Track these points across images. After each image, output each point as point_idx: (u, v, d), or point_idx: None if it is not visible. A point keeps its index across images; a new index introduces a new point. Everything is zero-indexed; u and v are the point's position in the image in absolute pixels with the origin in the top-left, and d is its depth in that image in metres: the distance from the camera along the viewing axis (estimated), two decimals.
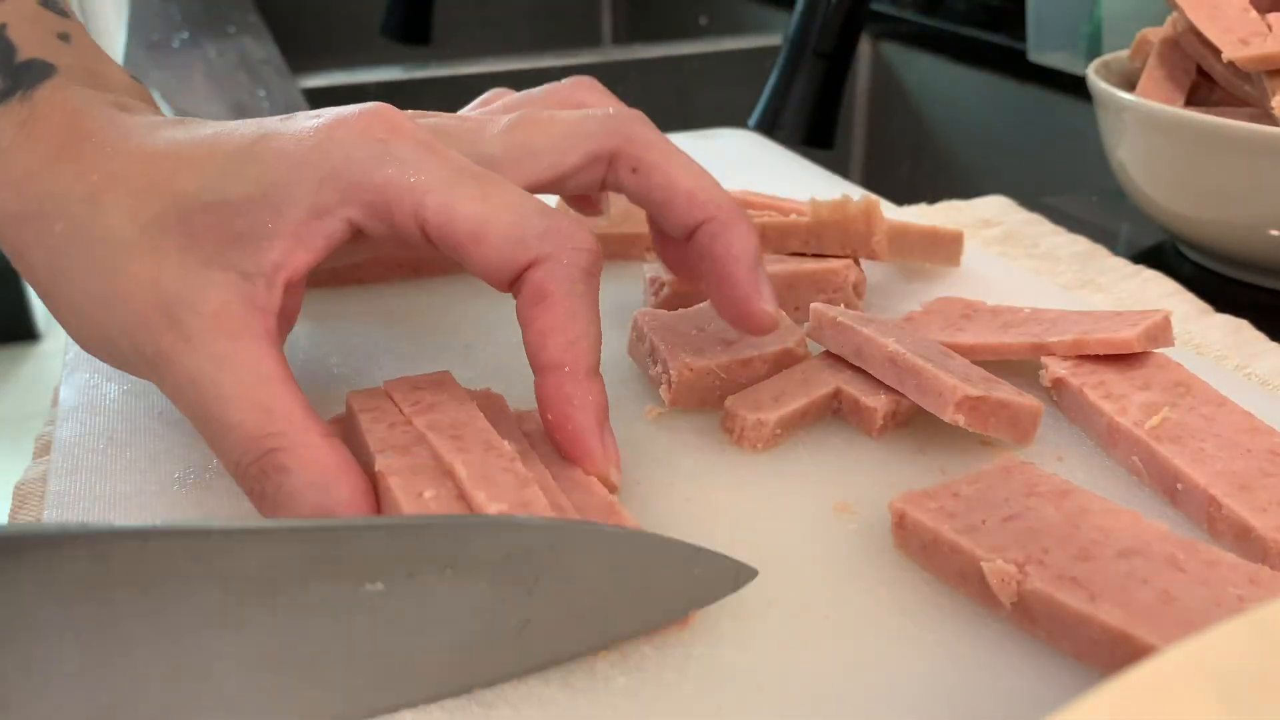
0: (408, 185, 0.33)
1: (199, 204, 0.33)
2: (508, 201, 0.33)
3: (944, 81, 1.02)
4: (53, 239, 0.34)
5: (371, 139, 0.33)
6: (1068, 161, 0.89)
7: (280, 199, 0.33)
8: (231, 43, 1.06)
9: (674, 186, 0.38)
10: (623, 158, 0.38)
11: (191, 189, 0.33)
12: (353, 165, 0.33)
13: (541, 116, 0.39)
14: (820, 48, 0.71)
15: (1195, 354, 0.48)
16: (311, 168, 0.33)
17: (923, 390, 0.38)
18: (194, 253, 0.33)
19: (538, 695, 0.29)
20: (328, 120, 0.34)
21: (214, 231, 0.33)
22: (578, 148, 0.38)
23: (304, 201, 0.33)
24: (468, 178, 0.34)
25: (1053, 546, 0.31)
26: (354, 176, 0.33)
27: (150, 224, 0.33)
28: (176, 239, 0.33)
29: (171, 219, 0.33)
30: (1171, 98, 0.58)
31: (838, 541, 0.35)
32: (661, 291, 0.48)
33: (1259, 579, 0.30)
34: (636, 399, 0.43)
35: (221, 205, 0.33)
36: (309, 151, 0.33)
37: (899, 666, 0.30)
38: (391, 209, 0.33)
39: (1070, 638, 0.30)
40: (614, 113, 0.39)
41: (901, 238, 0.50)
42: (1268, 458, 0.36)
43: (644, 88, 1.08)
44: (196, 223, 0.33)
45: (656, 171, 0.38)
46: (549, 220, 0.33)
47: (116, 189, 0.34)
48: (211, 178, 0.33)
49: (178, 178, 0.34)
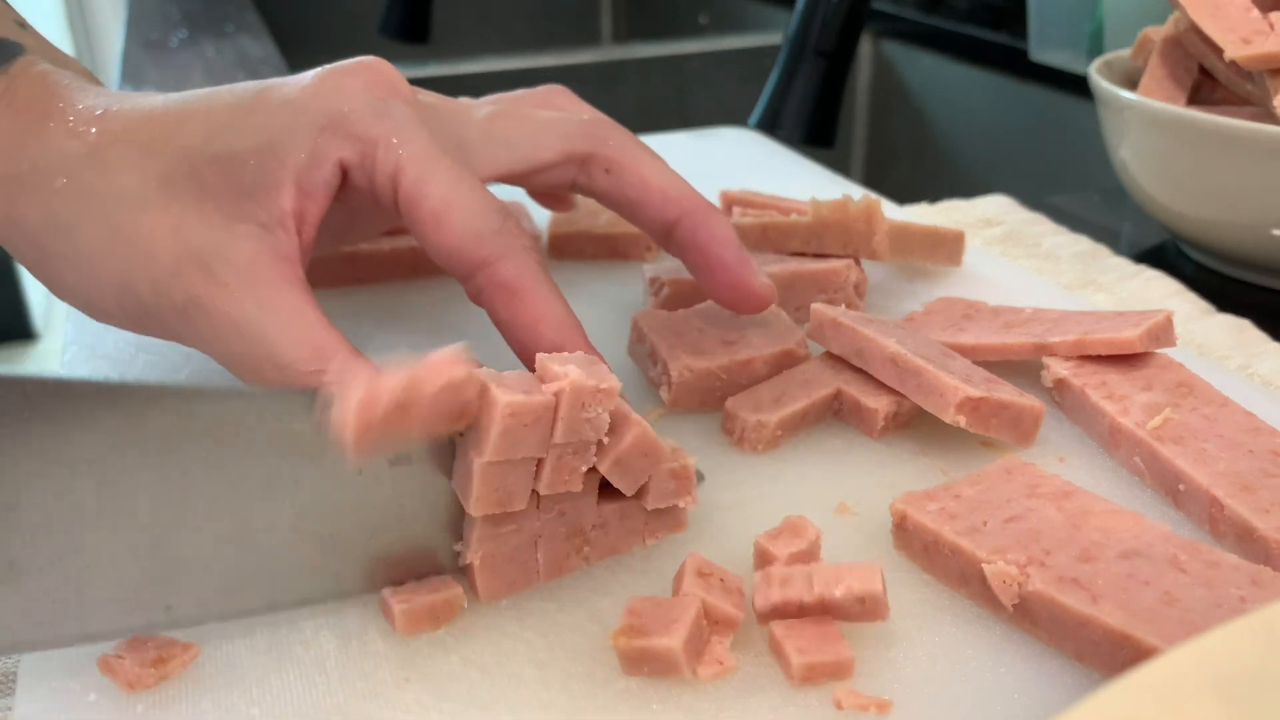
0: (394, 147, 0.35)
1: (206, 156, 0.34)
2: (473, 194, 0.35)
3: (945, 80, 1.02)
4: (53, 195, 0.35)
5: (373, 95, 0.35)
6: (1069, 161, 0.88)
7: (283, 148, 0.34)
8: (230, 42, 1.06)
9: (648, 185, 0.40)
10: (597, 160, 0.40)
11: (197, 142, 0.35)
12: (352, 115, 0.35)
13: (522, 112, 0.41)
14: (821, 46, 0.71)
15: (1197, 354, 0.48)
16: (313, 114, 0.35)
17: (924, 391, 0.38)
18: (211, 205, 0.34)
19: (538, 698, 0.29)
20: (331, 70, 0.36)
21: (225, 184, 0.34)
22: (553, 145, 0.40)
23: (305, 147, 0.34)
24: (446, 160, 0.35)
25: (1054, 548, 0.31)
26: (351, 125, 0.35)
27: (162, 180, 0.34)
28: (191, 193, 0.34)
29: (182, 174, 0.34)
30: (1173, 97, 0.58)
31: (838, 543, 0.35)
32: (661, 292, 0.48)
33: (1261, 580, 0.30)
34: (637, 400, 0.43)
35: (229, 157, 0.34)
36: (311, 98, 0.35)
37: (900, 668, 0.30)
38: (376, 164, 0.35)
39: (1072, 639, 0.30)
40: (589, 118, 0.41)
41: (902, 237, 0.50)
42: (1270, 458, 0.36)
43: (644, 87, 1.08)
44: (207, 176, 0.34)
45: (630, 172, 0.40)
46: (504, 219, 0.35)
47: (120, 144, 0.35)
48: (217, 130, 0.35)
49: (183, 131, 0.35)
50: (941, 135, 1.03)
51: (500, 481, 0.30)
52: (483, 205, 0.35)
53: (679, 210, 0.40)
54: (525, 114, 0.41)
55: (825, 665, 0.29)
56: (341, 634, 0.31)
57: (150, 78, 0.93)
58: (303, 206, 0.35)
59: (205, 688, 0.29)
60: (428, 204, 0.35)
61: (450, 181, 0.35)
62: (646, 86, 1.08)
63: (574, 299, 0.51)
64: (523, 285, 0.35)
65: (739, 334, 0.43)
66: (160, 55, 1.02)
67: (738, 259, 0.39)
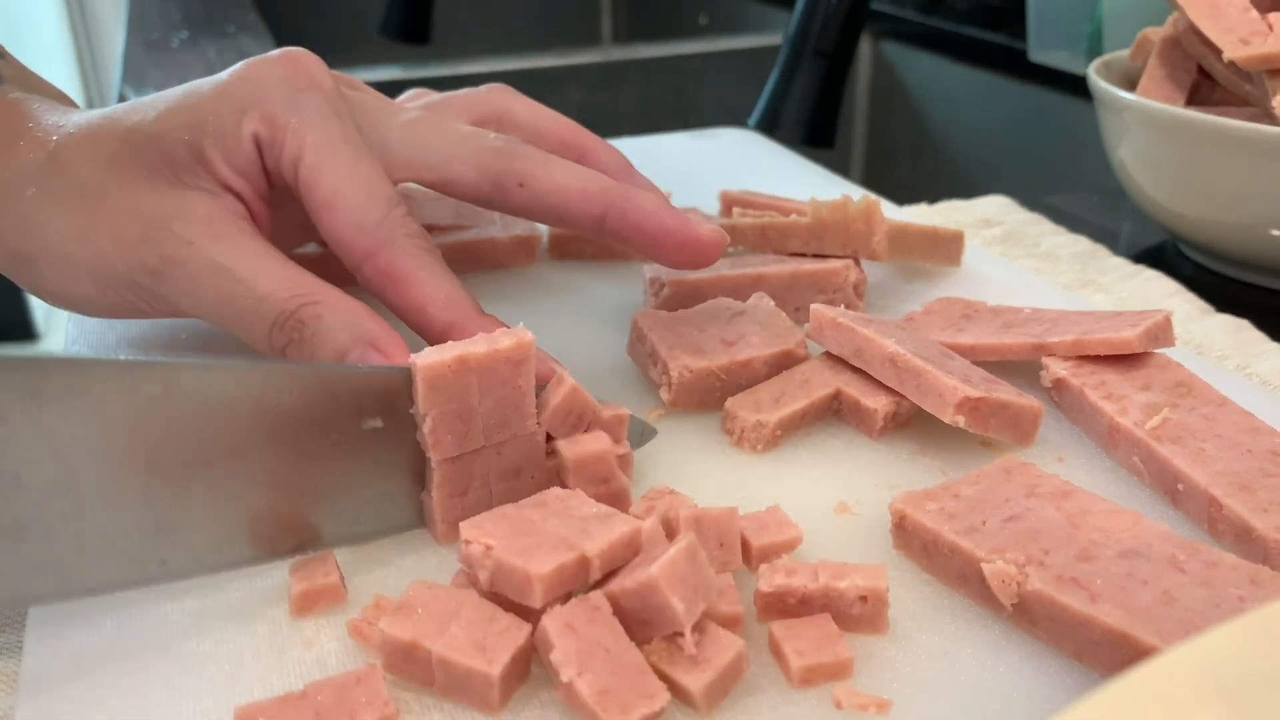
0: (299, 136, 0.37)
1: (143, 137, 0.38)
2: (364, 184, 0.37)
3: (944, 81, 1.02)
4: (24, 204, 0.38)
5: (290, 85, 0.38)
6: (1068, 161, 0.88)
7: (207, 125, 0.37)
8: (231, 42, 1.06)
9: (564, 189, 0.41)
10: (508, 176, 0.41)
11: (134, 124, 0.38)
12: (266, 101, 0.38)
13: (444, 122, 0.42)
14: (820, 47, 0.71)
15: (1196, 354, 0.48)
16: (235, 97, 0.38)
17: (923, 391, 0.38)
18: (159, 179, 0.37)
19: (538, 698, 0.29)
20: (256, 60, 0.39)
21: (165, 159, 0.37)
22: (466, 160, 0.41)
23: (226, 126, 0.37)
24: (347, 151, 0.38)
25: (1053, 547, 0.31)
26: (264, 109, 0.38)
27: (109, 164, 0.38)
28: (138, 172, 0.37)
29: (125, 157, 0.37)
30: (1172, 97, 0.58)
31: (838, 542, 0.35)
32: (661, 292, 0.48)
33: (1260, 579, 0.30)
34: (637, 400, 0.43)
35: (163, 136, 0.37)
36: (235, 84, 0.38)
37: (899, 668, 0.30)
38: (282, 150, 0.37)
39: (1071, 639, 0.30)
40: (505, 139, 0.42)
41: (902, 238, 0.50)
42: (1269, 458, 0.36)
43: (644, 87, 1.08)
44: (148, 155, 0.37)
45: (543, 181, 0.41)
46: (389, 210, 0.37)
47: (74, 144, 0.38)
48: (152, 116, 0.38)
49: (125, 121, 0.38)
50: (941, 136, 1.03)
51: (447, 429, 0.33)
52: (369, 197, 0.37)
53: (603, 203, 0.40)
54: (446, 125, 0.42)
55: (825, 666, 0.29)
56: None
57: (151, 78, 0.93)
58: (236, 183, 0.38)
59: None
60: (320, 193, 0.37)
61: (342, 173, 0.37)
62: (646, 87, 1.08)
63: (574, 299, 0.51)
64: (404, 271, 0.37)
65: (739, 334, 0.43)
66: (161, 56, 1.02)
67: (675, 220, 0.40)
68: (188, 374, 0.30)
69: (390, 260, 0.37)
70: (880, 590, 0.30)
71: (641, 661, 0.28)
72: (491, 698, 0.28)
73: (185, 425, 0.30)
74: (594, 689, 0.27)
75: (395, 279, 0.37)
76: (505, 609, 0.29)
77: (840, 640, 0.30)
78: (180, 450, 0.31)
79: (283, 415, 0.32)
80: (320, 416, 0.33)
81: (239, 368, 0.31)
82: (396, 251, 0.37)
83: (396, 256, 0.37)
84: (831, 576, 0.31)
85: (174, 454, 0.30)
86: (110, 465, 0.30)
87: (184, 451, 0.31)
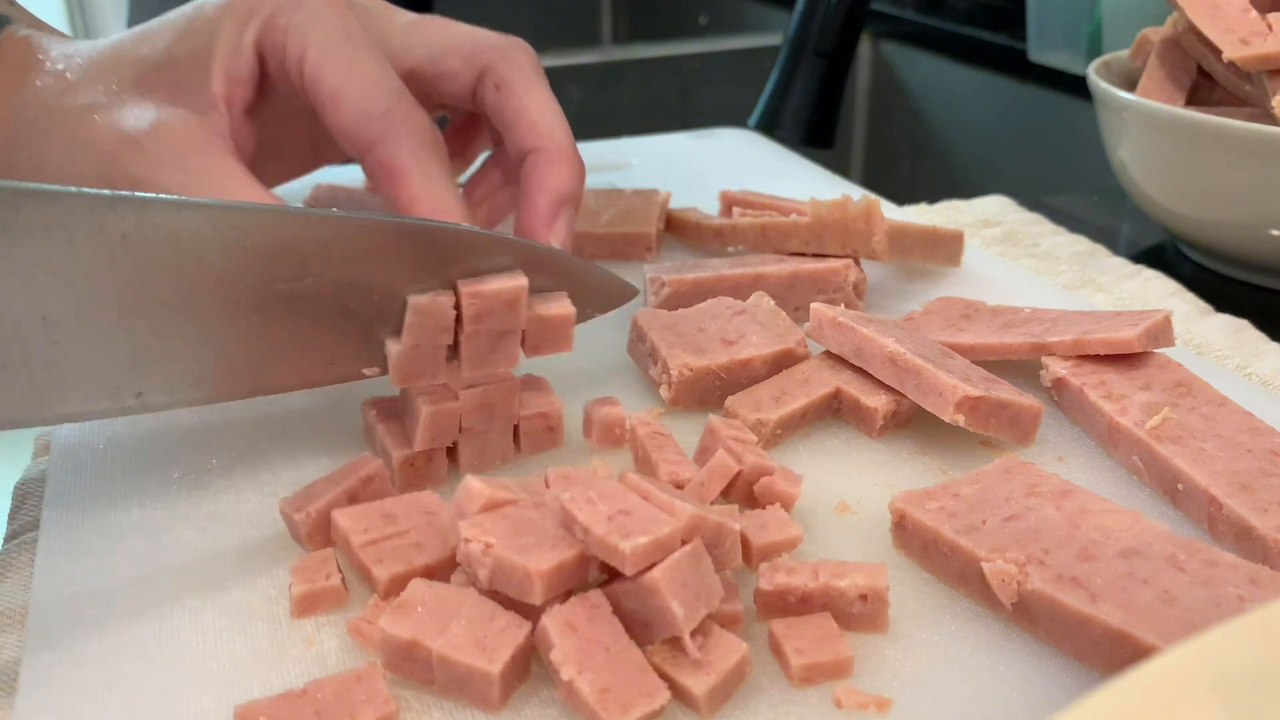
0: (302, 34, 0.38)
1: (152, 66, 0.39)
2: (367, 75, 0.38)
3: (944, 81, 1.02)
4: (29, 127, 0.39)
5: None
6: (1068, 161, 0.88)
7: (213, 44, 0.38)
8: None
9: (522, 111, 0.42)
10: (491, 73, 0.42)
11: (146, 52, 0.39)
12: (264, 7, 0.38)
13: (444, 20, 0.44)
14: (820, 47, 0.71)
15: (1196, 354, 0.48)
16: (236, 12, 0.39)
17: (923, 390, 0.38)
18: (149, 98, 0.38)
19: (538, 696, 0.29)
20: None
21: (165, 83, 0.38)
22: (461, 52, 0.42)
23: (228, 40, 0.38)
24: (349, 46, 0.38)
25: (1053, 547, 0.31)
26: (265, 15, 0.38)
27: (116, 88, 0.39)
28: (134, 92, 0.39)
29: (130, 81, 0.39)
30: (1172, 97, 0.58)
31: (838, 542, 0.35)
32: (661, 291, 0.48)
33: (1259, 579, 0.30)
34: (637, 399, 0.43)
35: (170, 63, 0.39)
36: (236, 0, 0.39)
37: (899, 667, 0.30)
38: (286, 50, 0.38)
39: (1071, 638, 0.30)
40: (506, 38, 0.43)
41: (902, 237, 0.50)
42: (1268, 458, 0.36)
43: (644, 88, 1.08)
44: (152, 80, 0.39)
45: (514, 95, 0.42)
46: (393, 101, 0.38)
47: (83, 69, 0.39)
48: (161, 47, 0.39)
49: (139, 48, 0.40)
50: (940, 136, 1.03)
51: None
52: (373, 87, 0.38)
53: (536, 143, 0.41)
54: (446, 22, 0.43)
55: (825, 665, 0.29)
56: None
57: None
58: (230, 91, 0.39)
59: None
60: (324, 87, 0.38)
61: (345, 65, 0.38)
62: (647, 87, 1.08)
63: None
64: (400, 165, 0.38)
65: (739, 333, 0.43)
66: None
67: (548, 210, 0.41)
68: (160, 211, 0.31)
69: (387, 152, 0.38)
70: (880, 589, 0.30)
71: (641, 660, 0.28)
72: (491, 696, 0.28)
73: (158, 261, 0.31)
74: (594, 687, 0.27)
75: (390, 173, 0.38)
76: (505, 607, 0.29)
77: (840, 639, 0.30)
78: (153, 286, 0.31)
79: (254, 254, 0.32)
80: (292, 258, 0.33)
81: (213, 206, 0.32)
82: (395, 145, 0.38)
83: (394, 150, 0.38)
84: (831, 575, 0.31)
85: (147, 290, 0.31)
86: (84, 299, 0.30)
87: (157, 287, 0.31)
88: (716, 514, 0.30)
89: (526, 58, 0.43)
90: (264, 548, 0.34)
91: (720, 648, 0.28)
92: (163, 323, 0.31)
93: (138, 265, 0.30)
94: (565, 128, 0.42)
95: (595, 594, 0.29)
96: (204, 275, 0.32)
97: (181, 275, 0.31)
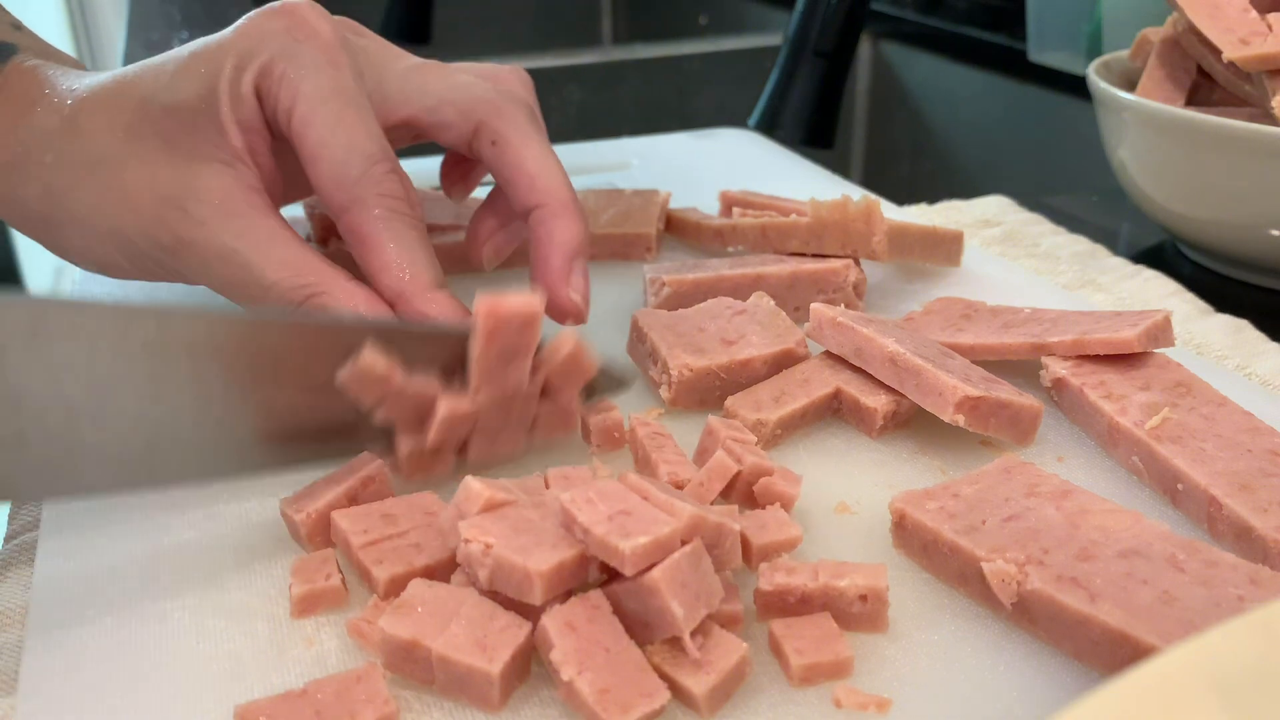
0: (293, 86, 0.38)
1: (159, 108, 0.38)
2: (347, 138, 0.38)
3: (944, 81, 1.02)
4: (44, 169, 0.39)
5: (290, 37, 0.38)
6: (1068, 161, 0.88)
7: (217, 90, 0.38)
8: None
9: (521, 168, 0.41)
10: (486, 129, 0.42)
11: (150, 94, 0.39)
12: (261, 53, 0.38)
13: (443, 68, 0.43)
14: (820, 47, 0.71)
15: (1196, 354, 0.48)
16: (236, 55, 0.38)
17: (923, 390, 0.38)
18: (176, 151, 0.38)
19: (538, 696, 0.29)
20: (256, 13, 0.39)
21: (181, 129, 0.38)
22: (457, 104, 0.42)
23: (230, 85, 0.38)
24: (337, 103, 0.38)
25: (1053, 547, 0.31)
26: (263, 60, 0.38)
27: (127, 134, 0.38)
28: (156, 142, 0.38)
29: (143, 128, 0.38)
30: (1172, 97, 0.58)
31: (837, 542, 0.35)
32: (661, 291, 0.48)
33: (1259, 579, 0.30)
34: (637, 399, 0.43)
35: (177, 106, 0.38)
36: (236, 40, 0.39)
37: (899, 667, 0.30)
38: (276, 100, 0.38)
39: (1071, 638, 0.30)
40: (503, 91, 0.42)
41: (901, 238, 0.50)
42: (1268, 458, 0.36)
43: (644, 88, 1.08)
44: (165, 125, 0.38)
45: (511, 150, 0.41)
46: (369, 166, 0.38)
47: (88, 108, 0.39)
48: (165, 83, 0.39)
49: (139, 86, 0.39)
50: (940, 136, 1.03)
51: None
52: (348, 152, 0.38)
53: (538, 200, 0.41)
54: (446, 71, 0.43)
55: (825, 665, 0.29)
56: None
57: None
58: (250, 141, 0.38)
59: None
60: (308, 145, 0.38)
61: (330, 124, 0.38)
62: (647, 87, 1.08)
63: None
64: (368, 233, 0.37)
65: (739, 333, 0.43)
66: None
67: (562, 266, 0.40)
68: (178, 320, 0.32)
69: (358, 219, 0.38)
70: (880, 589, 0.30)
71: (641, 660, 0.28)
72: (491, 696, 0.28)
73: (175, 364, 0.32)
74: (594, 687, 0.27)
75: (360, 239, 0.38)
76: (505, 607, 0.29)
77: (840, 639, 0.30)
78: (170, 385, 0.32)
79: (266, 354, 0.33)
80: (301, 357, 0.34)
81: (226, 313, 0.33)
82: (365, 211, 0.37)
83: (364, 217, 0.37)
84: (831, 575, 0.31)
85: (164, 388, 0.32)
86: (104, 395, 0.31)
87: (173, 386, 0.32)
88: (716, 514, 0.30)
89: (520, 110, 0.42)
90: (264, 548, 0.34)
91: (720, 648, 0.28)
92: (177, 414, 0.33)
93: (156, 367, 0.32)
94: (564, 180, 0.41)
95: (595, 594, 0.29)
96: (219, 374, 0.33)
97: (197, 375, 0.32)
